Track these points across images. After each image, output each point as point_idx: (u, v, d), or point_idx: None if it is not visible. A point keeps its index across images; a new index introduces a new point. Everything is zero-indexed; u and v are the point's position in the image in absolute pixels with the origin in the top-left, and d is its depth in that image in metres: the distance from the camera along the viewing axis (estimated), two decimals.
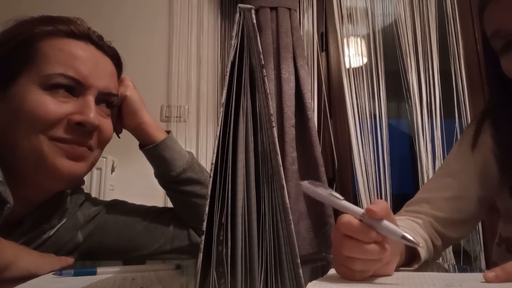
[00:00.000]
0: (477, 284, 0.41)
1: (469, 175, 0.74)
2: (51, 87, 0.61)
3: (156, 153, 0.75)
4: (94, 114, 0.63)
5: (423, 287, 0.39)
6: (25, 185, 0.62)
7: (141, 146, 0.77)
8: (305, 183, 0.47)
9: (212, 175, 0.34)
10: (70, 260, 0.60)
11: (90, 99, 0.64)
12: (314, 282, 0.42)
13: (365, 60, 2.06)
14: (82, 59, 0.64)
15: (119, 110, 0.75)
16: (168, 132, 0.79)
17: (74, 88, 0.63)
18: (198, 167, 0.78)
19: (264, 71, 0.35)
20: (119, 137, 0.79)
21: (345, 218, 0.43)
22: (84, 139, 0.64)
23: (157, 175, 0.79)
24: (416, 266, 0.55)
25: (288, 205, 0.33)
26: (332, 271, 0.51)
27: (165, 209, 0.83)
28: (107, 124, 0.69)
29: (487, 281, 0.41)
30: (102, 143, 0.69)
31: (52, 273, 0.52)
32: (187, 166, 0.76)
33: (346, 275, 0.44)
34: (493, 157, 0.72)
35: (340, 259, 0.44)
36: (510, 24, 0.64)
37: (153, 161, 0.78)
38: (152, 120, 0.78)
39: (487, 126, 0.75)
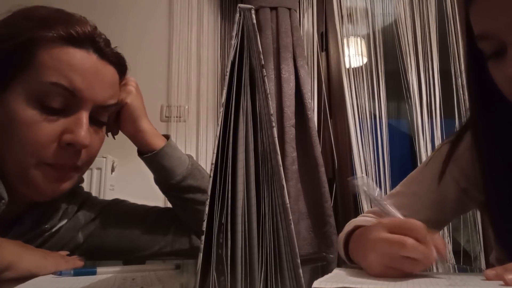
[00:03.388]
0: (480, 283, 0.41)
1: (423, 200, 0.73)
2: (43, 98, 0.58)
3: (155, 161, 0.73)
4: (85, 133, 0.60)
5: (428, 287, 0.39)
6: (14, 189, 0.61)
7: (140, 153, 0.75)
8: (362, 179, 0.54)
9: (212, 175, 0.34)
10: (79, 263, 0.58)
11: (83, 115, 0.61)
12: (319, 280, 0.42)
13: (365, 60, 2.06)
14: (79, 70, 0.60)
15: (118, 114, 0.73)
16: (167, 137, 0.76)
17: (67, 100, 0.60)
18: (198, 173, 0.77)
19: (264, 71, 0.35)
20: (114, 138, 0.78)
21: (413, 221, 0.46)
22: (72, 160, 0.61)
23: (157, 182, 0.78)
24: None
25: (288, 205, 0.33)
26: (336, 271, 0.51)
27: (166, 210, 0.82)
28: (95, 141, 0.66)
29: (488, 278, 0.42)
30: (89, 160, 0.66)
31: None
32: (187, 173, 0.75)
33: (387, 275, 0.45)
34: (455, 184, 0.71)
35: (390, 260, 0.45)
36: (504, 27, 0.53)
37: (152, 168, 0.76)
38: (150, 127, 0.74)
39: (461, 148, 0.71)
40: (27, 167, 0.58)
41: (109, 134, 0.77)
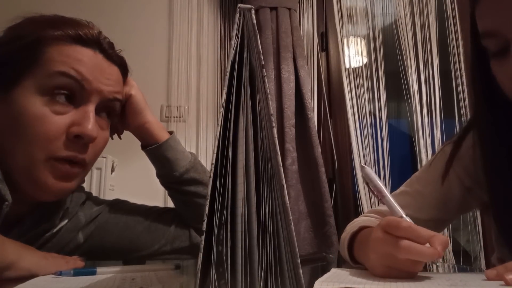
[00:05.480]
0: (481, 283, 0.41)
1: (427, 199, 0.73)
2: (52, 91, 0.59)
3: (159, 153, 0.75)
4: (92, 125, 0.61)
5: (428, 287, 0.39)
6: (19, 188, 0.61)
7: (143, 147, 0.77)
8: (368, 169, 0.53)
9: (212, 175, 0.34)
10: (79, 263, 0.59)
11: (90, 108, 0.62)
12: (320, 280, 0.42)
13: (365, 60, 2.06)
14: (87, 64, 0.62)
15: (122, 110, 0.74)
16: (171, 132, 0.78)
17: (75, 92, 0.61)
18: (200, 168, 0.79)
19: (264, 71, 0.35)
20: (120, 138, 0.79)
21: (402, 221, 0.45)
22: (80, 153, 0.62)
23: (159, 175, 0.79)
24: None
25: (288, 205, 0.33)
26: (334, 270, 0.51)
27: (166, 209, 0.82)
28: (101, 138, 0.67)
29: (489, 278, 0.41)
30: (94, 157, 0.67)
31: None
32: (190, 166, 0.77)
33: (390, 275, 0.45)
34: (459, 183, 0.71)
35: (390, 260, 0.44)
36: (510, 24, 0.53)
37: (155, 161, 0.77)
38: (156, 120, 0.77)
39: (464, 147, 0.71)
40: (36, 163, 0.59)
41: (114, 136, 0.77)
